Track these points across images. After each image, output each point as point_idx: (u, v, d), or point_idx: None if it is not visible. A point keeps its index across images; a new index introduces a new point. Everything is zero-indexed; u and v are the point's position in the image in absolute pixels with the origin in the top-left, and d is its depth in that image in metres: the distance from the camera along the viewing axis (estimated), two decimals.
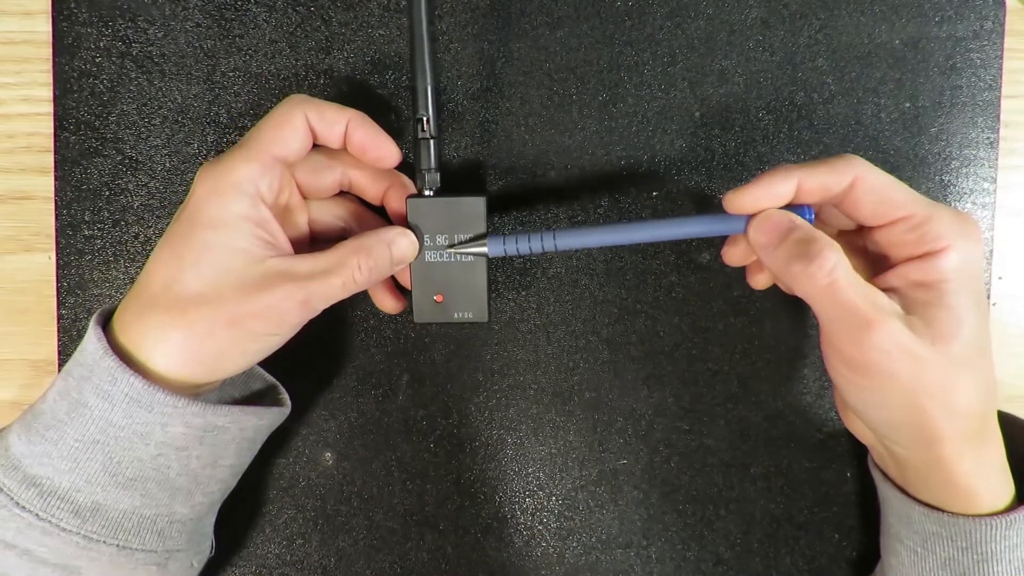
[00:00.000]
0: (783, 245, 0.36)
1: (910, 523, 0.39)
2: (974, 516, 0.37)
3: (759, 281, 0.43)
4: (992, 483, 0.37)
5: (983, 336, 0.36)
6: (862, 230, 0.40)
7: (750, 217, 0.38)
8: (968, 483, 0.37)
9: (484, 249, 0.41)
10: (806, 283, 0.35)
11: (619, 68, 0.46)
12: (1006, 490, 0.38)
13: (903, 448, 0.38)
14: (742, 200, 0.37)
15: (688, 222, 0.39)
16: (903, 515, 0.40)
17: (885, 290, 0.36)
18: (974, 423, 0.36)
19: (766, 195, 0.37)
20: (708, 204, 0.46)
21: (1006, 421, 0.40)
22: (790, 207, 0.38)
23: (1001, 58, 0.46)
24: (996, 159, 0.46)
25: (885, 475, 0.42)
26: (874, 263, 0.39)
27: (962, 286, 0.36)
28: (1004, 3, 0.45)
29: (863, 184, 0.37)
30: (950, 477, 0.37)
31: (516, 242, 0.40)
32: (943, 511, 0.38)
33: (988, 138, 0.46)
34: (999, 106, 0.46)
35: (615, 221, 0.45)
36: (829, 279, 0.35)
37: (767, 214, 0.37)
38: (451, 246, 0.41)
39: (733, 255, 0.42)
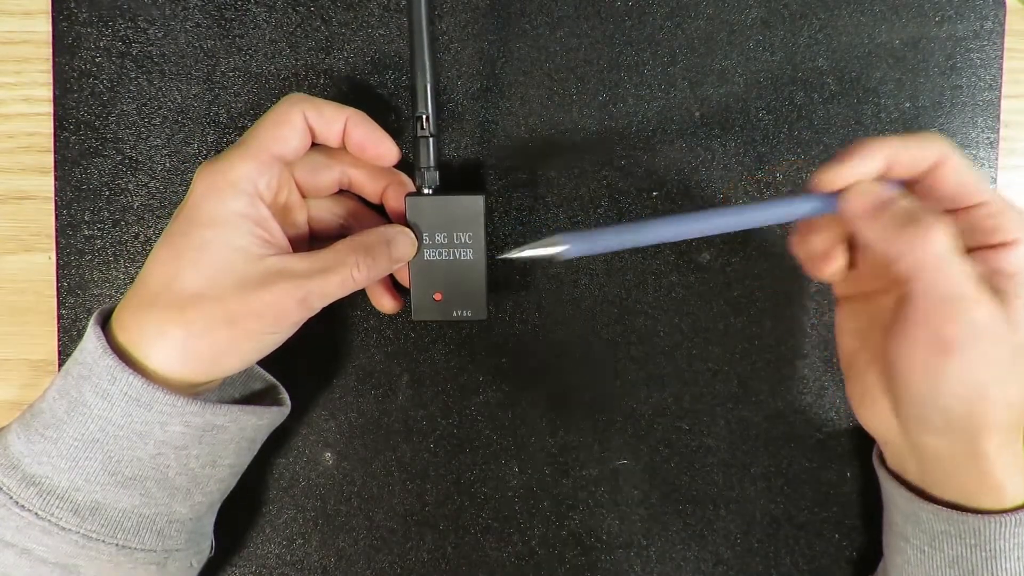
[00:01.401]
0: (888, 214, 0.35)
1: (918, 522, 0.39)
2: (984, 513, 0.37)
3: (831, 270, 0.41)
4: (1017, 480, 0.37)
5: None
6: None
7: (838, 196, 0.37)
8: (998, 480, 0.37)
9: (561, 249, 0.37)
10: (917, 251, 0.34)
11: (619, 68, 0.46)
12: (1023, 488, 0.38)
13: (943, 440, 0.37)
14: (835, 176, 0.37)
15: (777, 206, 0.38)
16: (910, 514, 0.40)
17: None
18: (1016, 417, 0.36)
19: (859, 170, 0.36)
20: (708, 204, 0.46)
21: None
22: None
23: (1001, 58, 0.46)
24: (996, 159, 0.46)
25: (892, 474, 0.42)
26: None
27: None
28: (1004, 3, 0.45)
29: (950, 163, 0.36)
30: (984, 472, 0.37)
31: (595, 239, 0.37)
32: (952, 509, 0.38)
33: (988, 138, 0.46)
34: (999, 106, 0.46)
35: (689, 211, 0.39)
36: (942, 248, 0.34)
37: (862, 185, 0.36)
38: (517, 249, 0.37)
39: (814, 243, 0.40)
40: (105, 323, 0.37)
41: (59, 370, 0.42)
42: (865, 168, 0.36)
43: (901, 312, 0.36)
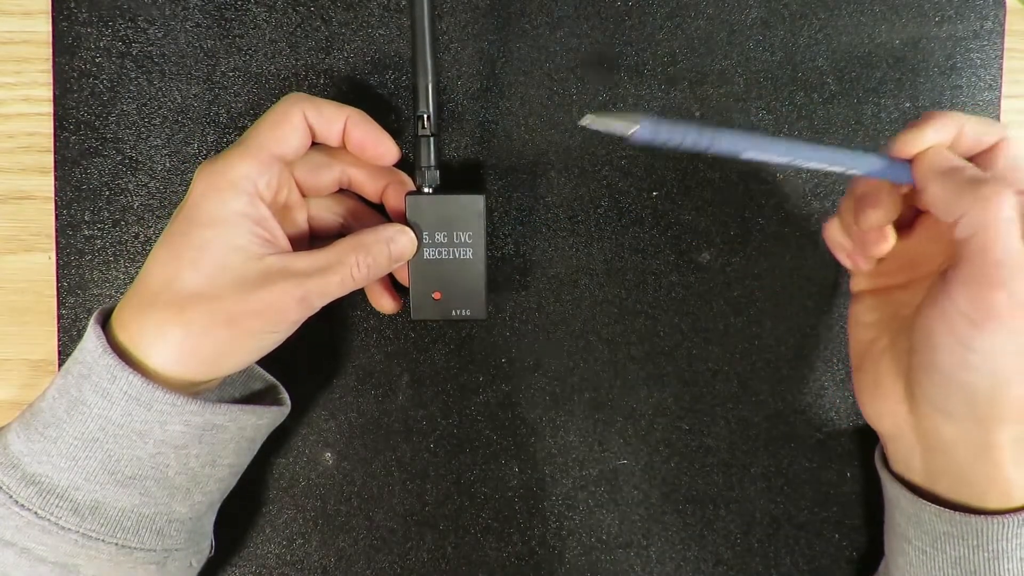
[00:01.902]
0: (959, 174, 0.36)
1: (920, 523, 0.39)
2: (986, 514, 0.37)
3: (882, 249, 0.41)
4: (1022, 479, 0.37)
5: None
6: None
7: (910, 164, 0.38)
8: (1009, 475, 0.37)
9: (636, 127, 0.34)
10: (988, 211, 0.34)
11: (619, 68, 0.46)
12: None
13: (956, 426, 0.37)
14: (912, 141, 0.37)
15: (855, 156, 0.38)
16: (912, 515, 0.40)
17: None
18: None
19: (933, 137, 0.37)
20: (708, 205, 0.46)
21: None
22: None
23: (1001, 58, 0.46)
24: None
25: (893, 474, 0.42)
26: None
27: None
28: (1004, 3, 0.45)
29: (1008, 145, 0.37)
30: (996, 464, 0.37)
31: (669, 132, 0.35)
32: (954, 510, 0.38)
33: None
34: (999, 106, 0.46)
35: (774, 137, 0.40)
36: (1009, 214, 0.34)
37: (936, 148, 0.37)
38: (591, 117, 0.34)
39: (879, 215, 0.39)
40: (105, 323, 0.37)
41: (59, 370, 0.43)
42: (938, 136, 0.37)
43: (944, 280, 0.36)
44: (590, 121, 0.35)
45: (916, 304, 0.38)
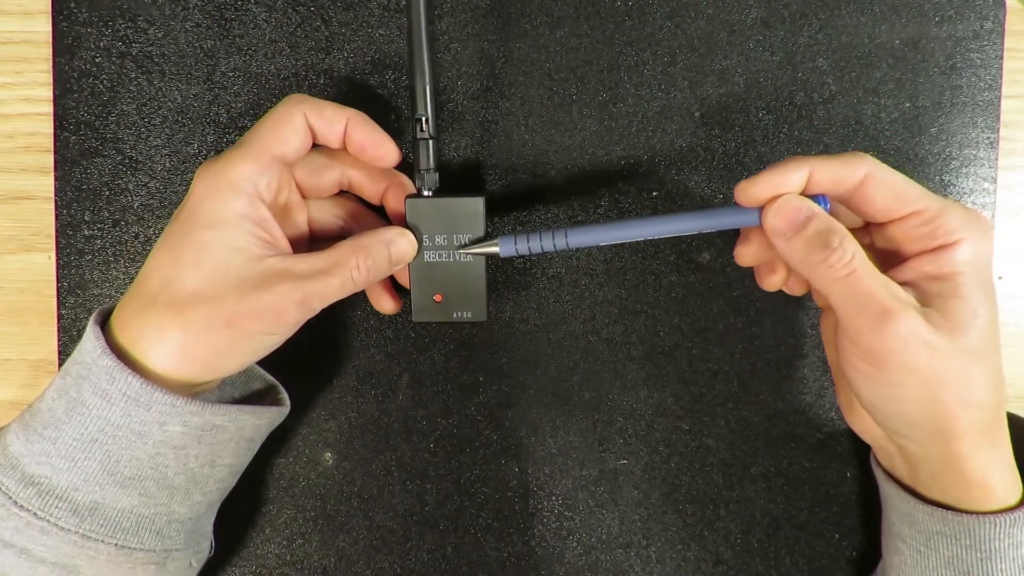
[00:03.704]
0: (801, 234, 0.36)
1: (913, 522, 0.39)
2: (978, 514, 0.37)
3: (771, 282, 0.42)
4: (1004, 479, 0.37)
5: (995, 328, 0.37)
6: (869, 227, 0.40)
7: (762, 209, 0.38)
8: (982, 478, 0.37)
9: (496, 249, 0.41)
10: (825, 273, 0.35)
11: (619, 68, 0.46)
12: (1016, 488, 0.38)
13: (917, 444, 0.38)
14: (755, 189, 0.37)
15: (700, 216, 0.39)
16: (906, 514, 0.40)
17: (899, 284, 0.36)
18: (988, 416, 0.37)
19: (780, 184, 0.37)
20: (709, 204, 0.46)
21: (1012, 423, 0.40)
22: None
23: (1001, 58, 0.45)
24: (996, 159, 0.46)
25: (888, 475, 0.42)
26: (883, 259, 0.39)
27: (975, 278, 0.36)
28: (1004, 3, 0.45)
29: (875, 179, 0.37)
30: (964, 473, 0.37)
31: (528, 241, 0.40)
32: (948, 509, 0.38)
33: (988, 138, 0.46)
34: (999, 106, 0.46)
35: (624, 218, 0.45)
36: (849, 269, 0.35)
37: (785, 199, 0.37)
38: (461, 247, 0.41)
39: (746, 254, 0.41)
40: (104, 323, 0.37)
41: (59, 370, 0.43)
42: (785, 182, 0.37)
43: (836, 332, 0.37)
44: (464, 252, 0.41)
45: None
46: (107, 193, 0.46)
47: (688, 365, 0.47)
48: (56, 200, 0.46)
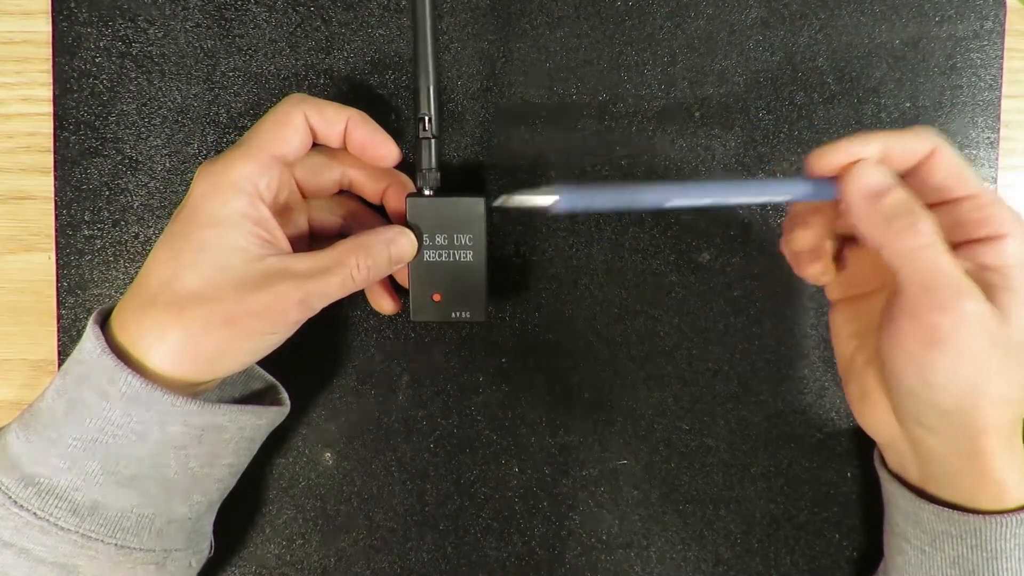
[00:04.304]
0: (882, 202, 0.35)
1: (918, 522, 0.39)
2: (985, 514, 0.37)
3: (814, 270, 0.41)
4: (1018, 479, 0.37)
5: None
6: None
7: (837, 180, 0.37)
8: (1000, 478, 0.37)
9: (554, 199, 0.35)
10: (907, 240, 0.35)
11: (619, 68, 0.46)
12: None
13: (939, 439, 0.37)
14: (834, 156, 0.37)
15: (775, 185, 0.38)
16: (910, 514, 0.40)
17: None
18: (1013, 415, 0.36)
19: (855, 152, 0.36)
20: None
21: None
22: None
23: (1001, 58, 0.46)
24: (996, 159, 0.46)
25: (892, 474, 0.42)
26: None
27: (1021, 273, 0.36)
28: (1004, 3, 0.45)
29: (940, 155, 0.36)
30: (984, 471, 0.37)
31: (592, 196, 0.36)
32: (953, 509, 0.38)
33: (988, 138, 0.46)
34: (999, 106, 0.46)
35: (697, 180, 0.41)
36: (931, 239, 0.34)
37: (866, 163, 0.36)
38: (504, 197, 0.36)
39: (802, 238, 0.40)
40: (104, 323, 0.37)
41: (59, 370, 0.43)
42: (863, 151, 0.36)
43: (890, 305, 0.36)
44: (503, 201, 0.36)
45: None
46: (107, 193, 0.46)
47: (688, 365, 0.47)
48: (56, 200, 0.46)
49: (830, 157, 0.37)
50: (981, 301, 0.34)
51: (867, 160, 0.36)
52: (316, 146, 0.40)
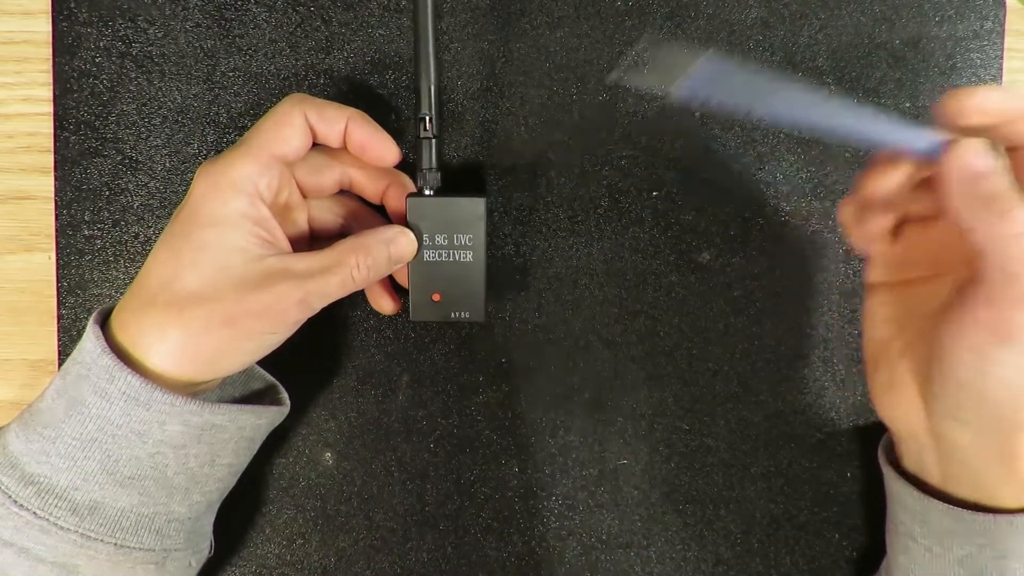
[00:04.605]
0: (983, 183, 0.34)
1: (926, 521, 0.39)
2: (995, 513, 0.36)
3: (875, 228, 0.39)
4: None
5: None
6: None
7: (943, 143, 0.35)
8: None
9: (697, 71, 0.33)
10: (1000, 227, 0.33)
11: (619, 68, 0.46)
12: None
13: (975, 434, 0.36)
14: (973, 101, 0.34)
15: (891, 126, 0.35)
16: (918, 513, 0.39)
17: None
18: None
19: (999, 106, 0.34)
20: (708, 204, 0.46)
21: None
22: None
23: (1001, 58, 0.46)
24: None
25: (898, 473, 0.41)
26: None
27: None
28: (1004, 3, 0.45)
29: None
30: (1013, 467, 0.36)
31: (718, 82, 0.33)
32: (963, 507, 0.37)
33: None
34: None
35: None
36: (1021, 227, 0.33)
37: (971, 145, 0.34)
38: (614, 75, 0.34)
39: (892, 178, 0.37)
40: (104, 323, 0.37)
41: (59, 370, 0.43)
42: (1006, 106, 0.34)
43: (963, 292, 0.35)
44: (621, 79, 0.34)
45: (938, 302, 0.37)
46: (107, 193, 0.46)
47: (688, 365, 0.47)
48: (56, 200, 0.46)
49: (972, 101, 0.34)
50: None
51: (977, 140, 0.34)
52: (316, 146, 0.40)
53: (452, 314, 0.42)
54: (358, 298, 0.46)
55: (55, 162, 0.46)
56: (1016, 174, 0.34)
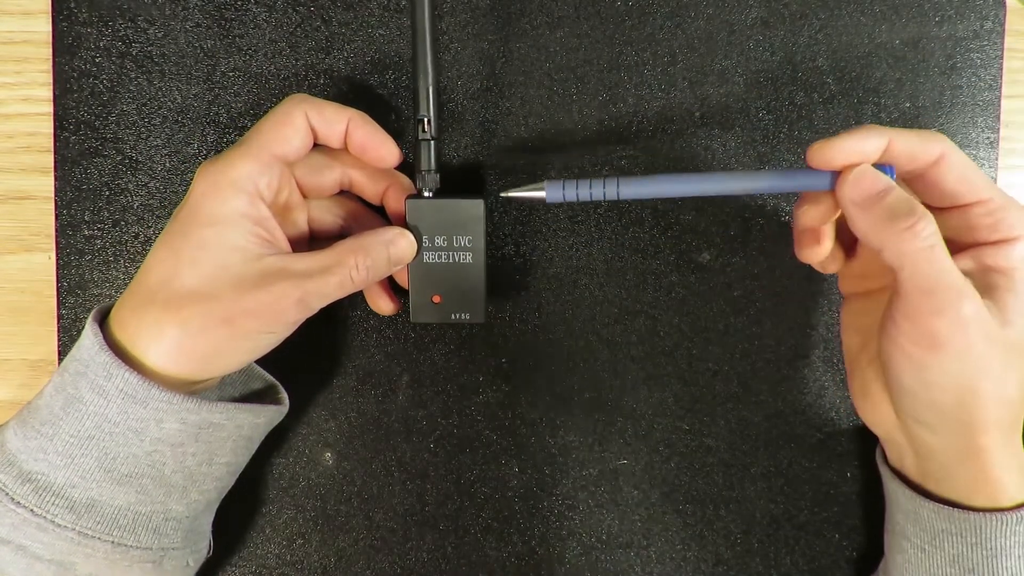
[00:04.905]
0: (881, 203, 0.35)
1: (918, 520, 0.39)
2: (985, 511, 0.37)
3: (814, 253, 0.41)
4: (1015, 478, 0.37)
5: None
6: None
7: (834, 174, 0.37)
8: (997, 475, 0.37)
9: (542, 194, 0.39)
10: (907, 242, 0.34)
11: (619, 68, 0.46)
12: (1023, 487, 0.38)
13: (938, 436, 0.37)
14: (831, 153, 0.36)
15: (765, 176, 0.38)
16: (911, 512, 0.40)
17: None
18: (1013, 414, 0.37)
19: (856, 150, 0.36)
20: (708, 205, 0.46)
21: None
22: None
23: (1001, 58, 0.45)
24: (996, 159, 0.46)
25: (894, 472, 0.42)
26: None
27: None
28: (1004, 3, 0.45)
29: (949, 161, 0.36)
30: (982, 469, 0.37)
31: (577, 188, 0.39)
32: (953, 507, 0.38)
33: (988, 138, 0.46)
34: (999, 106, 0.46)
35: (682, 171, 0.42)
36: (931, 241, 0.34)
37: (863, 170, 0.36)
38: (503, 192, 0.40)
39: (811, 215, 0.40)
40: (104, 321, 0.38)
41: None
42: (861, 149, 0.36)
43: (890, 305, 0.36)
44: (505, 195, 0.40)
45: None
46: (107, 193, 0.46)
47: (688, 365, 0.47)
48: (56, 200, 0.46)
49: (830, 153, 0.36)
50: (979, 303, 0.34)
51: (862, 167, 0.36)
52: (317, 146, 0.40)
53: (452, 315, 0.42)
54: (358, 298, 0.46)
55: (55, 162, 0.46)
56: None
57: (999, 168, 0.46)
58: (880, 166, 0.37)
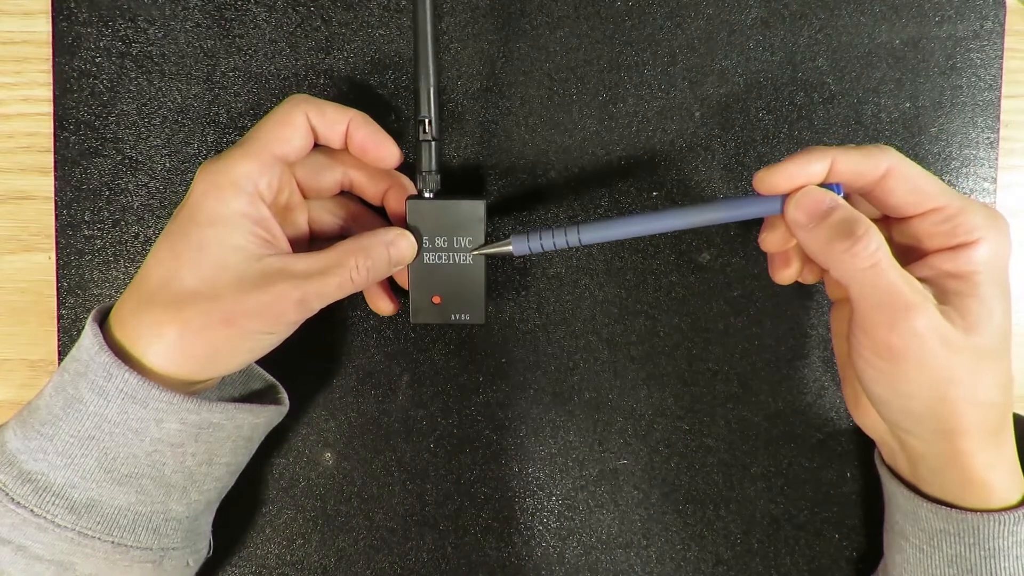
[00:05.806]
0: (824, 224, 0.36)
1: (916, 520, 0.39)
2: (982, 512, 0.37)
3: (785, 275, 0.42)
4: (1006, 479, 0.37)
5: (1008, 329, 0.37)
6: (887, 220, 0.40)
7: (784, 197, 0.37)
8: (984, 477, 0.37)
9: (509, 248, 0.41)
10: (849, 263, 0.35)
11: (619, 68, 0.46)
12: (1018, 488, 0.38)
13: (921, 441, 0.38)
14: (775, 178, 0.37)
15: (719, 207, 0.38)
16: (909, 512, 0.40)
17: (918, 279, 0.36)
18: (995, 416, 0.37)
19: (800, 173, 0.37)
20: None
21: (1016, 423, 0.40)
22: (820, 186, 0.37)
23: (1001, 58, 0.45)
24: (996, 159, 0.46)
25: (892, 472, 0.42)
26: (901, 254, 0.39)
27: (992, 278, 0.36)
28: (1004, 3, 0.45)
29: (897, 173, 0.37)
30: (966, 471, 0.37)
31: (541, 238, 0.40)
32: (951, 507, 0.38)
33: (988, 138, 0.46)
34: (999, 106, 0.46)
35: (639, 212, 0.45)
36: (873, 259, 0.35)
37: (806, 191, 0.37)
38: (474, 249, 0.41)
39: (771, 240, 0.41)
40: (104, 321, 0.38)
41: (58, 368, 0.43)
42: (805, 172, 0.37)
43: (851, 318, 0.37)
44: (477, 252, 0.41)
45: None
46: (107, 193, 0.46)
47: (688, 365, 0.47)
48: (56, 200, 0.46)
49: (773, 179, 0.37)
50: (932, 314, 0.35)
51: (805, 188, 0.37)
52: (317, 147, 0.40)
53: (452, 316, 0.42)
54: (358, 299, 0.46)
55: (55, 162, 0.46)
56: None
57: (999, 168, 0.46)
58: (828, 185, 0.37)
